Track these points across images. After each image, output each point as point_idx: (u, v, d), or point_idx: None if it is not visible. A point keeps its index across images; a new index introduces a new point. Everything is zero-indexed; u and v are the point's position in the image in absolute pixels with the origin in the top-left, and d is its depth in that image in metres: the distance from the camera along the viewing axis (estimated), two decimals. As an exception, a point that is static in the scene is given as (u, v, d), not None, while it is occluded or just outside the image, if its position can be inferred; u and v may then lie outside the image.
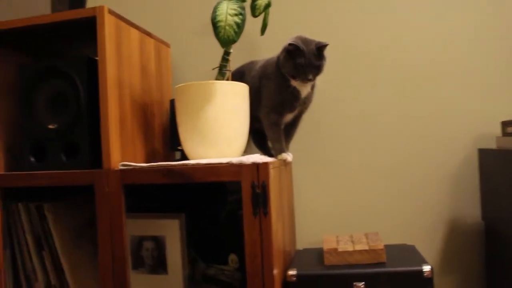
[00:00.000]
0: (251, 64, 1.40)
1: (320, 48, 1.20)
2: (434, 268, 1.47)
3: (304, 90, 1.26)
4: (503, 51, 1.44)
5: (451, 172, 1.46)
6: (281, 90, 1.25)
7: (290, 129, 1.37)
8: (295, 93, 1.25)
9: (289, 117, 1.31)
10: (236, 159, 1.10)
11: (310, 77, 1.21)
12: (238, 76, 1.40)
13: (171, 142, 1.44)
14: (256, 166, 1.07)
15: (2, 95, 1.34)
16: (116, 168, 1.16)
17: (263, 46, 1.55)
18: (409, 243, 1.46)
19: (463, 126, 1.46)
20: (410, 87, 1.49)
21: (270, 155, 1.31)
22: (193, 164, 1.12)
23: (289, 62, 1.20)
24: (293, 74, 1.21)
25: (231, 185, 1.43)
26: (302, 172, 1.54)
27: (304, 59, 1.18)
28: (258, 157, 1.13)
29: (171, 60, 1.58)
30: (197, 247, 1.45)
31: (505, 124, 1.32)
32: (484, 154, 1.37)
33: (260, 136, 1.40)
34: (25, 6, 1.66)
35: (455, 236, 1.46)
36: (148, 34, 1.39)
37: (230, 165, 1.09)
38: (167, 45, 1.51)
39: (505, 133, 1.32)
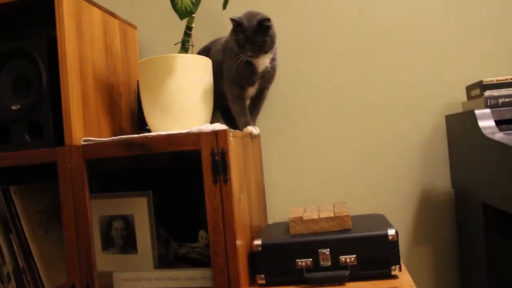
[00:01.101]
0: (216, 40, 1.41)
1: (261, 22, 1.18)
2: (406, 237, 1.47)
3: (260, 64, 1.26)
4: (465, 17, 1.45)
5: (421, 141, 1.47)
6: (238, 64, 1.25)
7: (255, 103, 1.37)
8: (251, 67, 1.25)
9: (251, 91, 1.31)
10: (195, 128, 1.10)
11: (250, 53, 1.19)
12: (205, 53, 1.41)
13: (139, 122, 1.44)
14: (215, 133, 1.07)
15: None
16: (78, 144, 1.16)
17: (227, 21, 1.55)
18: (380, 213, 1.46)
19: (431, 94, 1.46)
20: (376, 58, 1.49)
21: (238, 130, 1.32)
22: (153, 136, 1.12)
23: (232, 38, 1.20)
24: (236, 51, 1.21)
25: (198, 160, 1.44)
26: (272, 147, 1.54)
27: (243, 35, 1.17)
28: (218, 126, 1.13)
29: (139, 43, 1.58)
30: (168, 227, 1.44)
31: (469, 88, 1.32)
32: (451, 120, 1.37)
33: (228, 112, 1.40)
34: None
35: (426, 205, 1.46)
36: (113, 14, 1.39)
37: (189, 134, 1.09)
38: (134, 27, 1.52)
39: (469, 97, 1.32)
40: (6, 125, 1.25)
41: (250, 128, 1.28)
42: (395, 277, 1.12)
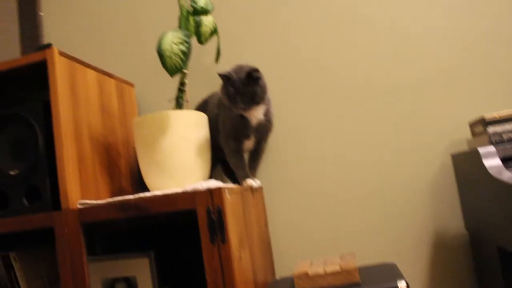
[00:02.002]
0: (214, 94, 1.40)
1: (250, 74, 1.17)
2: (421, 285, 1.40)
3: (253, 117, 1.24)
4: (467, 52, 1.42)
5: (428, 182, 1.41)
6: (232, 118, 1.24)
7: (254, 155, 1.35)
8: (245, 121, 1.24)
9: (248, 144, 1.29)
10: (190, 186, 1.08)
11: (242, 105, 1.18)
12: (203, 106, 1.41)
13: (140, 180, 1.42)
14: (210, 192, 1.04)
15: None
16: (74, 208, 1.14)
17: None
18: (392, 261, 1.39)
19: (434, 133, 1.42)
20: (377, 98, 1.46)
21: (239, 183, 1.29)
22: (148, 196, 1.10)
23: (223, 91, 1.20)
24: (228, 104, 1.20)
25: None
26: (276, 199, 1.50)
27: (233, 88, 1.17)
28: (214, 183, 1.11)
29: (137, 99, 1.59)
30: (173, 284, 1.40)
31: (472, 125, 1.28)
32: (457, 159, 1.32)
33: (227, 165, 1.38)
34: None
35: (440, 249, 1.39)
36: (108, 74, 1.40)
37: (184, 194, 1.06)
38: (131, 84, 1.53)
39: (474, 134, 1.28)
40: (4, 190, 1.25)
41: (249, 182, 1.26)
42: (409, 332, 1.05)
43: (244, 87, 1.16)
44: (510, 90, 1.38)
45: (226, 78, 1.17)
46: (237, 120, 1.23)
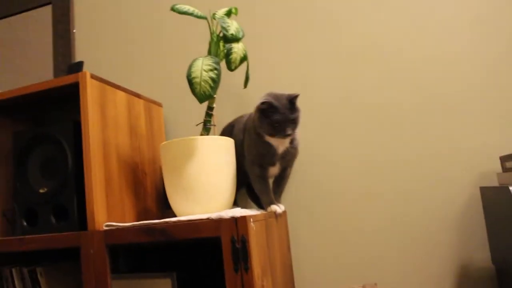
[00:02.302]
0: (240, 118, 1.41)
1: (292, 100, 1.19)
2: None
3: (280, 146, 1.25)
4: (497, 86, 1.39)
5: (456, 213, 1.39)
6: (258, 145, 1.24)
7: (279, 181, 1.35)
8: (271, 149, 1.25)
9: (274, 170, 1.30)
10: (215, 214, 1.08)
11: (289, 132, 1.19)
12: (229, 129, 1.41)
13: (165, 199, 1.44)
14: (234, 220, 1.05)
15: (0, 163, 1.39)
16: (100, 229, 1.16)
17: (248, 99, 1.56)
18: (416, 293, 1.37)
19: (464, 164, 1.39)
20: (408, 129, 1.45)
21: (263, 208, 1.29)
22: (174, 222, 1.11)
23: (265, 121, 1.19)
24: (271, 132, 1.19)
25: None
26: (299, 224, 1.49)
27: (279, 115, 1.17)
28: (238, 211, 1.11)
29: (165, 119, 1.61)
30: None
31: (503, 159, 1.25)
32: (486, 193, 1.30)
33: (252, 190, 1.38)
34: (30, 73, 1.76)
35: (465, 282, 1.36)
36: (137, 95, 1.42)
37: (209, 221, 1.07)
38: (159, 104, 1.55)
39: (505, 169, 1.25)
40: (34, 208, 1.28)
41: (274, 207, 1.26)
42: None
43: (290, 113, 1.18)
44: (543, 124, 1.35)
45: (270, 105, 1.18)
46: (263, 147, 1.23)
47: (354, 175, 1.47)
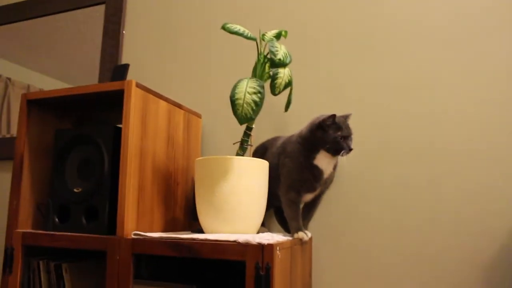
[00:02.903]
0: (274, 140, 1.41)
1: (348, 119, 1.27)
2: None
3: (327, 169, 1.26)
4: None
5: (489, 261, 1.35)
6: (301, 169, 1.24)
7: (310, 207, 1.34)
8: (317, 173, 1.24)
9: (309, 196, 1.29)
10: (243, 237, 1.08)
11: (352, 146, 1.24)
12: (261, 151, 1.41)
13: (193, 212, 1.45)
14: (261, 247, 1.04)
15: (40, 157, 1.43)
16: (128, 237, 1.18)
17: (287, 121, 1.56)
18: None
19: (497, 210, 1.35)
20: (437, 169, 1.41)
21: (289, 232, 1.29)
22: (201, 240, 1.12)
23: (329, 137, 1.21)
24: (337, 148, 1.22)
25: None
26: (323, 252, 1.48)
27: (343, 131, 1.22)
28: (266, 237, 1.11)
29: (203, 130, 1.62)
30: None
31: (543, 217, 1.21)
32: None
33: (281, 213, 1.38)
34: (77, 74, 1.81)
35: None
36: (178, 105, 1.44)
37: (236, 244, 1.07)
38: (198, 115, 1.56)
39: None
40: (67, 206, 1.32)
41: (301, 235, 1.25)
42: None
43: (350, 130, 1.26)
44: None
45: (333, 122, 1.22)
46: (309, 171, 1.24)
47: (386, 211, 1.44)
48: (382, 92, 1.49)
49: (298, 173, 1.25)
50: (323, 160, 1.24)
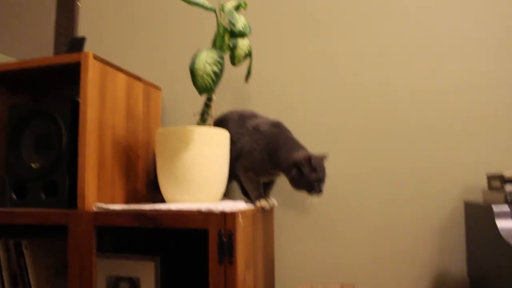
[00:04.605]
0: (235, 115, 1.40)
1: (323, 160, 1.27)
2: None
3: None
4: (488, 102, 1.42)
5: (438, 225, 1.42)
6: (265, 167, 1.29)
7: (268, 184, 1.39)
8: (274, 171, 1.31)
9: (266, 179, 1.36)
10: (205, 206, 1.10)
11: (323, 189, 1.24)
12: (220, 124, 1.41)
13: (155, 182, 1.45)
14: (223, 215, 1.07)
15: (-7, 132, 1.39)
16: (90, 210, 1.17)
17: (248, 92, 1.57)
18: (391, 297, 1.42)
19: (450, 177, 1.43)
20: (396, 140, 1.47)
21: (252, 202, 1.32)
22: (164, 210, 1.13)
23: (304, 179, 1.23)
24: (308, 189, 1.24)
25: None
26: (285, 221, 1.52)
27: (319, 173, 1.23)
28: (228, 205, 1.13)
29: (162, 103, 1.61)
30: (175, 291, 1.43)
31: (490, 178, 1.28)
32: (469, 208, 1.33)
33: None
34: (30, 49, 1.75)
35: (440, 292, 1.41)
36: (137, 78, 1.42)
37: (198, 213, 1.09)
38: (158, 88, 1.55)
39: (490, 187, 1.29)
40: (24, 182, 1.29)
41: (263, 202, 1.28)
42: None
43: (324, 172, 1.25)
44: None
45: (309, 163, 1.22)
46: (266, 169, 1.29)
47: (342, 181, 1.49)
48: (337, 67, 1.53)
49: (261, 166, 1.29)
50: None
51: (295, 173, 1.23)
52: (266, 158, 1.28)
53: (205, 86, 1.15)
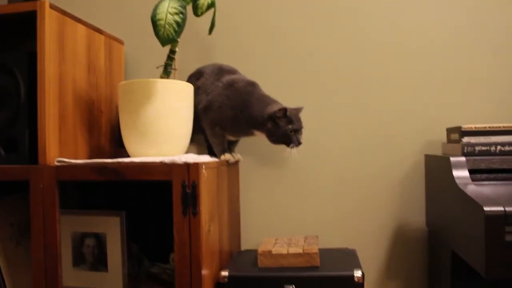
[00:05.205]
0: (220, 69, 1.38)
1: (299, 112, 1.27)
2: (377, 272, 1.48)
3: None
4: (449, 60, 1.44)
5: (400, 177, 1.47)
6: (238, 125, 1.28)
7: (234, 141, 1.40)
8: (248, 134, 1.31)
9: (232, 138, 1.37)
10: (169, 158, 1.10)
11: (301, 140, 1.25)
12: (196, 76, 1.39)
13: (119, 138, 1.43)
14: (187, 166, 1.07)
15: None
16: (51, 164, 1.16)
17: (212, 45, 1.55)
18: (353, 247, 1.46)
19: (412, 131, 1.46)
20: (359, 91, 1.49)
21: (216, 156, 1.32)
22: (127, 162, 1.12)
23: (279, 130, 1.23)
24: (286, 141, 1.24)
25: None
26: (250, 174, 1.54)
27: (296, 124, 1.24)
28: (191, 157, 1.13)
29: (125, 57, 1.57)
30: (142, 245, 1.45)
31: (449, 131, 1.32)
32: (429, 161, 1.37)
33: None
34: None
35: (400, 241, 1.47)
36: (98, 30, 1.38)
37: (161, 164, 1.09)
38: (120, 42, 1.51)
39: (449, 140, 1.32)
40: (-19, 137, 1.25)
41: (227, 156, 1.29)
42: (358, 316, 1.12)
43: (301, 123, 1.27)
44: (492, 102, 1.43)
45: (285, 114, 1.22)
46: (240, 127, 1.29)
47: (306, 135, 1.50)
48: (307, 13, 1.52)
49: (234, 124, 1.29)
50: (258, 134, 1.29)
51: (271, 126, 1.23)
52: (240, 115, 1.27)
53: (168, 37, 1.13)
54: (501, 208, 0.94)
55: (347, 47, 1.49)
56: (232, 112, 1.27)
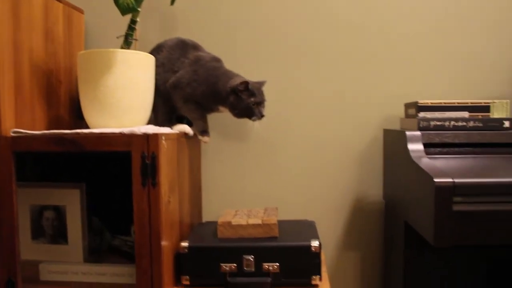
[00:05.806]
0: (184, 44, 1.36)
1: (262, 85, 1.29)
2: (335, 244, 1.52)
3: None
4: (409, 35, 1.47)
5: (359, 151, 1.50)
6: (206, 99, 1.29)
7: None
8: (214, 110, 1.32)
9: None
10: (128, 129, 1.09)
11: (264, 113, 1.26)
12: (157, 50, 1.38)
13: (79, 109, 1.41)
14: (146, 137, 1.06)
15: None
16: (7, 135, 1.13)
17: (175, 17, 1.53)
18: (312, 219, 1.50)
19: (372, 106, 1.50)
20: (320, 67, 1.50)
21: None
22: (85, 133, 1.11)
23: (242, 103, 1.24)
24: (250, 115, 1.25)
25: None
26: (211, 147, 1.54)
27: (258, 97, 1.25)
28: (151, 128, 1.12)
29: (85, 27, 1.54)
30: (103, 217, 1.44)
31: (407, 106, 1.35)
32: (387, 135, 1.41)
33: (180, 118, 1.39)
34: None
35: (358, 213, 1.51)
36: (56, -2, 1.34)
37: (121, 135, 1.08)
38: (80, 10, 1.47)
39: (406, 115, 1.36)
40: None
41: (206, 139, 1.32)
42: (315, 286, 1.16)
43: (263, 96, 1.28)
44: (450, 77, 1.47)
45: (246, 87, 1.23)
46: (207, 103, 1.30)
47: (267, 109, 1.52)
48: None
49: (202, 100, 1.29)
50: (223, 109, 1.30)
51: (233, 100, 1.24)
52: (206, 91, 1.27)
53: (127, 6, 1.11)
54: (450, 180, 0.98)
55: (309, 21, 1.50)
56: (201, 88, 1.27)
